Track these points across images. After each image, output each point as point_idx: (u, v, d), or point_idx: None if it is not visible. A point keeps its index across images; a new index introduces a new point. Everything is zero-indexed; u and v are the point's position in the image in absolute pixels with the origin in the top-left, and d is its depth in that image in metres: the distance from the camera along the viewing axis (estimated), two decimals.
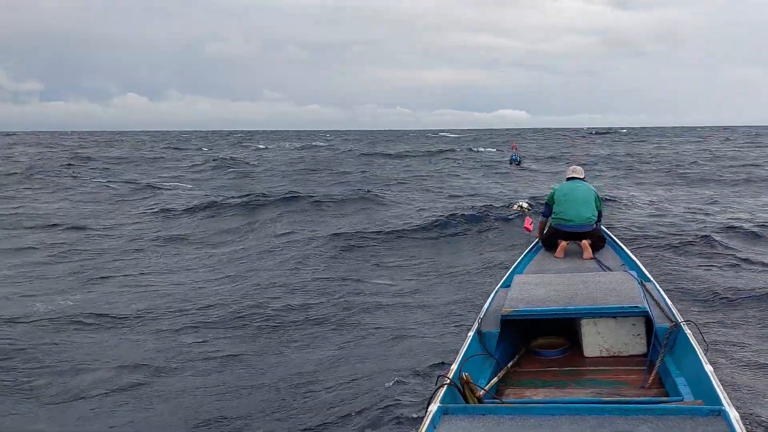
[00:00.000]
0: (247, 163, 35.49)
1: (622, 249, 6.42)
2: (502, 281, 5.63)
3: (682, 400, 3.23)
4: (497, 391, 3.70)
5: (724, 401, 2.76)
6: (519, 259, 6.42)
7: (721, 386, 2.99)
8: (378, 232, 12.49)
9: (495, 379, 3.83)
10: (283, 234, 13.09)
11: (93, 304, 8.07)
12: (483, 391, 3.42)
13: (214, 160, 37.33)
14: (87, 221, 14.92)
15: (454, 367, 3.59)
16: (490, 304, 4.86)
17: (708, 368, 3.26)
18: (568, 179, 6.89)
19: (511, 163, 33.85)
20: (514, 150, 37.13)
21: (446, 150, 48.50)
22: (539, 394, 3.69)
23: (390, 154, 43.26)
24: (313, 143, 66.37)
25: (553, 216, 6.64)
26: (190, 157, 43.28)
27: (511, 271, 6.01)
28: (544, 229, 6.88)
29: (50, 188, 22.36)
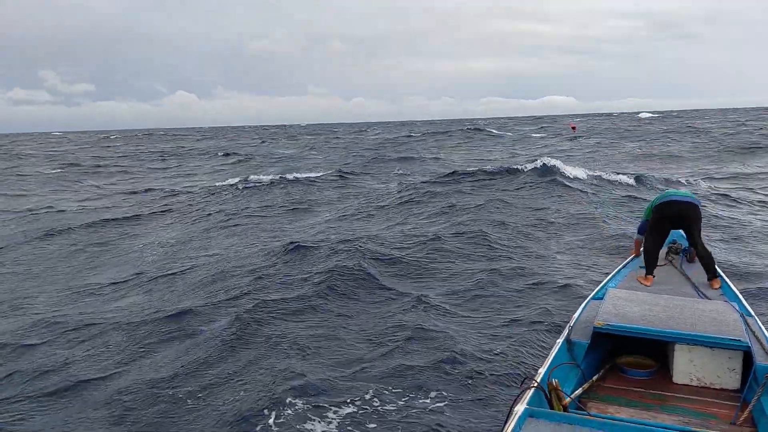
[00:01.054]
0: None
1: (723, 278, 6.17)
2: (594, 292, 5.54)
3: None
4: (581, 403, 3.68)
5: None
6: (613, 273, 6.28)
7: None
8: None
9: (579, 390, 3.81)
10: None
11: None
12: (569, 399, 3.42)
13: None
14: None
15: (542, 371, 3.59)
16: (580, 313, 4.81)
17: None
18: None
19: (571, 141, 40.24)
20: (573, 129, 41.85)
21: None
22: (622, 413, 3.64)
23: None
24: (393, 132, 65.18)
25: (658, 200, 6.34)
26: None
27: (604, 284, 5.90)
28: (640, 247, 6.68)
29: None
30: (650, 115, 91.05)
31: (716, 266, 6.05)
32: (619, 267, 6.54)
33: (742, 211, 13.33)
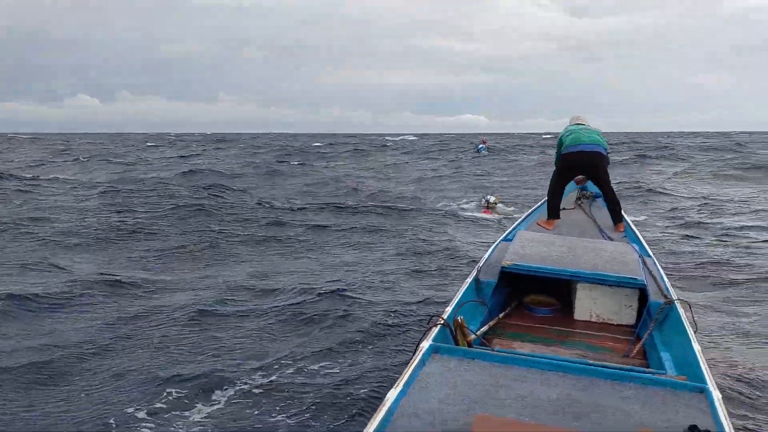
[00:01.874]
0: None
1: (627, 223, 6.43)
2: (504, 234, 5.67)
3: (665, 373, 3.30)
4: (486, 339, 3.78)
5: (708, 380, 2.82)
6: (525, 215, 6.44)
7: (707, 366, 3.05)
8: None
9: (485, 327, 3.90)
10: None
11: None
12: (474, 335, 3.49)
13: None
14: None
15: (449, 309, 3.65)
16: (490, 254, 4.91)
17: (696, 347, 3.31)
18: (571, 126, 6.56)
19: (478, 152, 38.81)
20: (484, 143, 41.92)
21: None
22: (525, 348, 3.76)
23: None
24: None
25: (562, 148, 6.35)
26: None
27: (515, 226, 6.05)
28: None
29: None
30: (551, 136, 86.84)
31: (622, 212, 6.30)
32: (530, 210, 6.71)
33: None
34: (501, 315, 4.23)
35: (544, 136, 75.18)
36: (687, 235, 10.90)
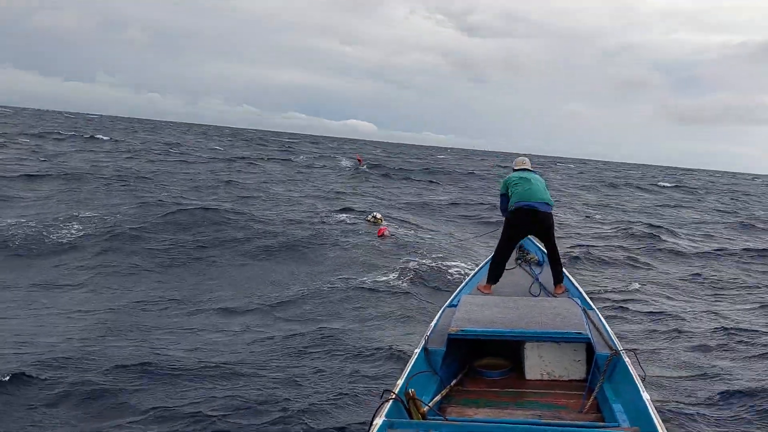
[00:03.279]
0: None
1: (567, 276, 6.56)
2: (449, 300, 5.69)
3: (618, 426, 3.32)
4: (440, 409, 3.74)
5: (659, 428, 2.85)
6: (467, 279, 6.49)
7: (657, 414, 3.08)
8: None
9: (438, 397, 3.86)
10: None
11: None
12: (427, 407, 3.44)
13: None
14: None
15: (400, 382, 3.60)
16: (437, 322, 4.90)
17: (645, 396, 3.36)
18: (517, 170, 6.53)
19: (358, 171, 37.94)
20: (360, 162, 40.42)
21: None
22: (480, 414, 3.73)
23: None
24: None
25: (512, 198, 6.23)
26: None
27: (459, 290, 6.08)
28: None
29: None
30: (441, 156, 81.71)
31: (563, 270, 6.39)
32: (473, 273, 6.77)
33: None
34: (453, 382, 4.20)
35: (438, 156, 75.87)
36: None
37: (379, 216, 15.60)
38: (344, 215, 16.09)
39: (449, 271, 10.46)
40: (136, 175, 21.07)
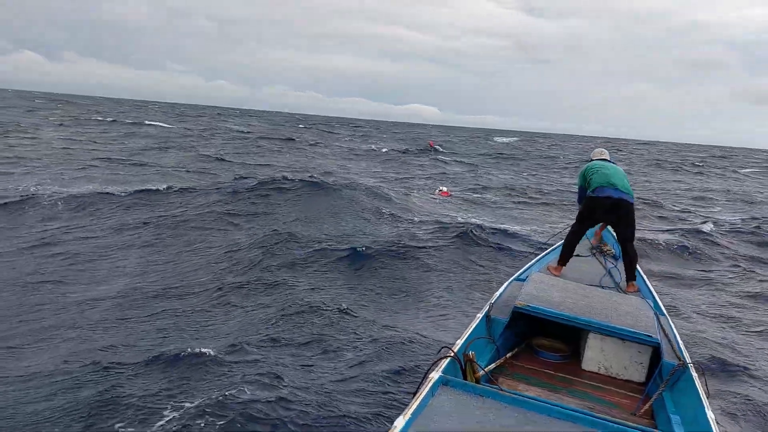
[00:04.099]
0: None
1: (642, 276, 6.35)
2: (517, 274, 5.62)
3: None
4: (494, 377, 3.72)
5: None
6: (538, 257, 6.38)
7: None
8: None
9: (493, 365, 3.85)
10: None
11: None
12: (483, 372, 3.44)
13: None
14: None
15: (459, 343, 3.61)
16: (502, 292, 4.86)
17: (710, 414, 3.24)
18: (595, 161, 6.31)
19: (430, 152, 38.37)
20: (431, 147, 41.26)
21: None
22: (532, 391, 3.70)
23: None
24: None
25: (590, 185, 5.95)
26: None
27: (528, 266, 5.99)
28: None
29: None
30: (507, 140, 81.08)
31: (638, 267, 6.15)
32: (544, 253, 6.65)
33: None
34: (509, 355, 4.17)
35: (497, 139, 74.81)
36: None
37: (445, 188, 18.79)
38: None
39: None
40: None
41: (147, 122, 46.72)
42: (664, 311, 5.25)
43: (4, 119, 35.51)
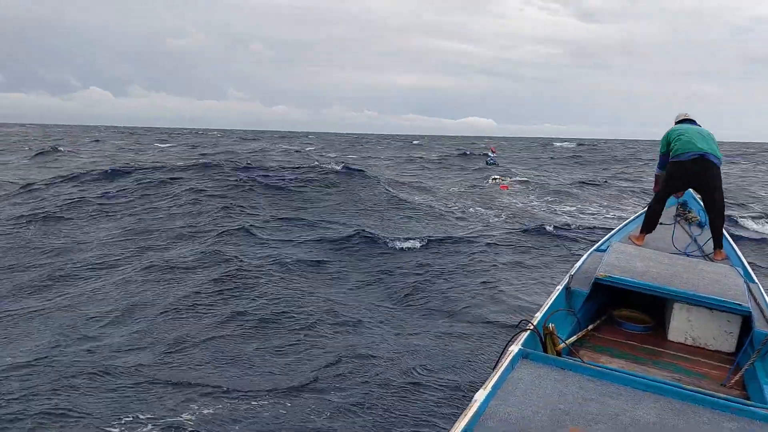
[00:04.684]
0: None
1: (730, 242, 6.09)
2: (597, 244, 5.50)
3: None
4: (574, 350, 3.68)
5: None
6: (619, 227, 6.22)
7: None
8: None
9: (574, 338, 3.80)
10: None
11: None
12: (563, 344, 3.41)
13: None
14: None
15: (539, 315, 3.58)
16: (582, 264, 4.78)
17: None
18: (678, 123, 6.01)
19: (487, 165, 37.23)
20: (493, 153, 40.35)
21: None
22: (615, 364, 3.65)
23: None
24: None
25: (673, 150, 5.68)
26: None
27: (609, 237, 5.86)
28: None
29: None
30: (567, 144, 77.86)
31: (725, 234, 5.88)
32: (625, 222, 6.48)
33: None
34: (590, 327, 4.11)
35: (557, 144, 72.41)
36: None
37: (498, 177, 19.74)
38: None
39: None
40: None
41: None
42: (755, 278, 5.04)
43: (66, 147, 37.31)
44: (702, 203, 6.30)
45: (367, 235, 9.60)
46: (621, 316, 4.42)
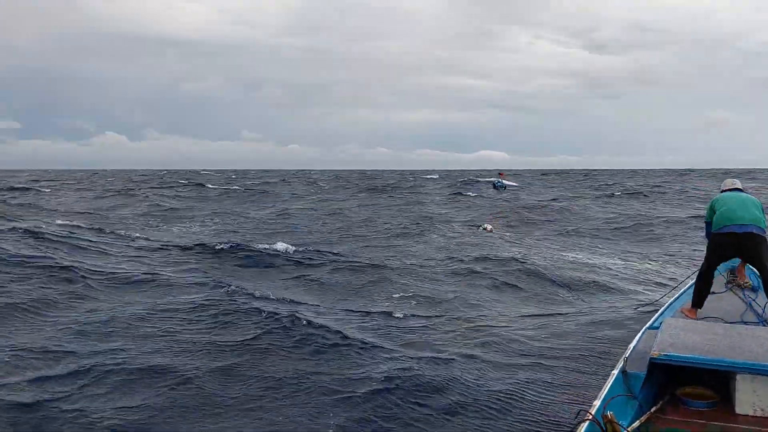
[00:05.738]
0: None
1: None
2: (650, 322, 5.41)
3: None
4: None
5: None
6: (670, 301, 6.12)
7: None
8: None
9: (637, 423, 3.71)
10: None
11: None
12: (626, 431, 3.34)
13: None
14: None
15: (597, 403, 3.52)
16: (636, 344, 4.70)
17: None
18: (725, 191, 6.06)
19: (494, 188, 38.25)
20: (501, 177, 42.13)
21: None
22: None
23: None
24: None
25: (716, 220, 5.73)
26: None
27: (661, 313, 5.76)
28: None
29: None
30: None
31: None
32: (676, 296, 6.37)
33: None
34: (653, 409, 4.00)
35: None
36: None
37: (489, 227, 18.26)
38: None
39: None
40: None
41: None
42: None
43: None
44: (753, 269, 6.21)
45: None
46: (684, 394, 4.29)
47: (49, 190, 41.36)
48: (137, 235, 16.55)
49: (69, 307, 8.15)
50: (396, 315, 8.15)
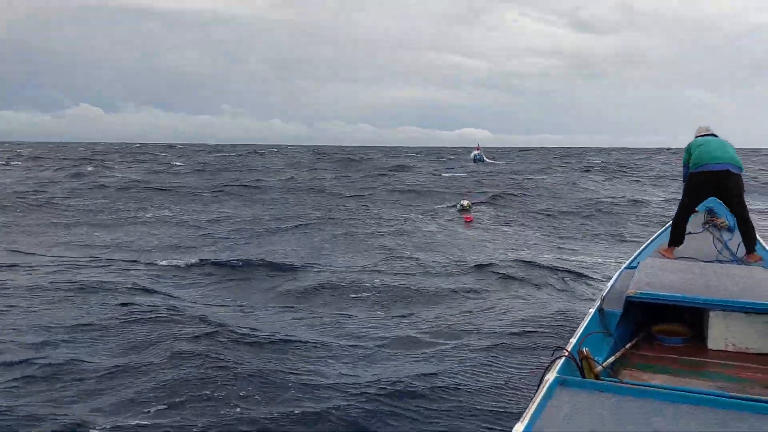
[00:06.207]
0: None
1: (762, 244, 6.02)
2: (627, 262, 5.49)
3: None
4: (613, 371, 3.66)
5: None
6: (647, 242, 6.20)
7: None
8: None
9: (612, 359, 3.78)
10: None
11: None
12: (601, 367, 3.39)
13: None
14: None
15: (573, 340, 3.58)
16: (613, 283, 4.77)
17: None
18: (699, 136, 6.13)
19: (474, 161, 39.28)
20: (478, 150, 41.86)
21: None
22: (657, 380, 3.60)
23: None
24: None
25: (693, 160, 5.82)
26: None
27: (638, 253, 5.83)
28: None
29: None
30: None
31: (758, 237, 5.85)
32: (653, 236, 6.45)
33: None
34: (628, 345, 4.07)
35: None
36: None
37: (466, 203, 17.44)
38: None
39: None
40: None
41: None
42: None
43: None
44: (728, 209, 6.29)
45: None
46: (658, 331, 4.37)
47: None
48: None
49: None
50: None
